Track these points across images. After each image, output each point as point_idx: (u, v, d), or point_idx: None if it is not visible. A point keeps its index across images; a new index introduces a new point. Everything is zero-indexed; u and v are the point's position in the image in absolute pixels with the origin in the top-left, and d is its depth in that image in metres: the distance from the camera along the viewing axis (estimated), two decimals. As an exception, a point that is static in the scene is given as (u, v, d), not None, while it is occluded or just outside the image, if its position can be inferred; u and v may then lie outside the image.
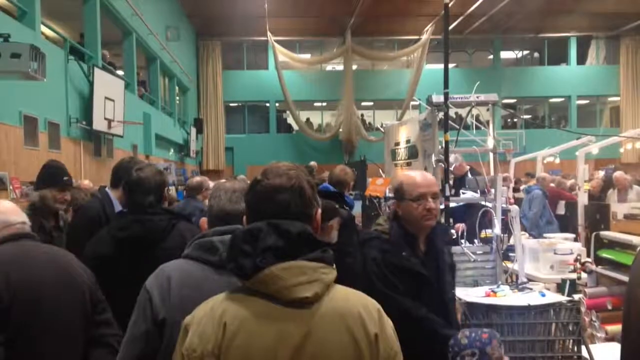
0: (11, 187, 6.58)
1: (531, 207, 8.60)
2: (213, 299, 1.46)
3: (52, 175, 3.88)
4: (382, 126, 6.94)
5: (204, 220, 2.14)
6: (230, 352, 1.35)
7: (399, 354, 1.48)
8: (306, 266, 1.40)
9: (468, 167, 6.86)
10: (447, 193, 4.37)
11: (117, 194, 3.54)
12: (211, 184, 6.23)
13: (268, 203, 1.49)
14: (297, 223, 1.45)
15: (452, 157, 5.66)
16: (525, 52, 26.60)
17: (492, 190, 4.83)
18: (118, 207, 3.56)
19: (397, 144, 5.78)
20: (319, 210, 1.60)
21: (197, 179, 6.81)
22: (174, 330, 1.59)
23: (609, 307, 3.94)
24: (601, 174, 11.61)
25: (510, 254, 5.25)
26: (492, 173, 5.03)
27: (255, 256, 1.39)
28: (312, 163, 14.86)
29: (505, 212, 4.96)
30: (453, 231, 4.66)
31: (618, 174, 9.34)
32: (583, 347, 3.39)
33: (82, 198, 4.60)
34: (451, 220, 4.90)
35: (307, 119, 24.13)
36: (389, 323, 1.49)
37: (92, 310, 2.26)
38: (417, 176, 2.69)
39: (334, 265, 1.47)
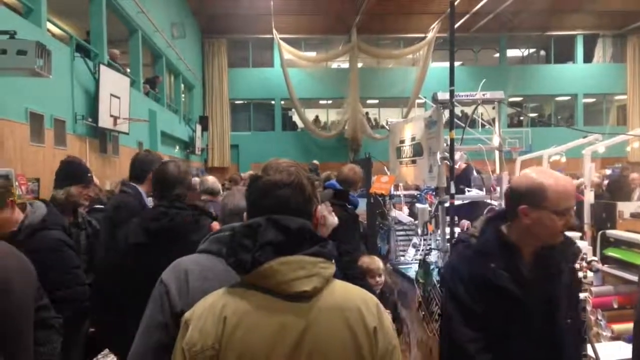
0: (17, 184, 6.60)
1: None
2: (212, 294, 1.47)
3: (76, 172, 3.86)
4: (387, 124, 6.92)
5: (215, 224, 2.18)
6: (231, 346, 1.35)
7: (397, 348, 1.48)
8: (305, 261, 1.41)
9: (465, 165, 6.84)
10: (452, 191, 4.35)
11: (145, 187, 3.65)
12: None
13: (268, 198, 1.50)
14: (297, 219, 1.46)
15: (457, 155, 5.64)
16: (532, 50, 26.51)
17: (498, 189, 4.80)
18: (148, 200, 3.66)
19: (402, 141, 5.76)
20: (319, 207, 1.61)
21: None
22: None
23: (615, 306, 3.91)
24: (608, 172, 11.54)
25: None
26: (497, 171, 5.01)
27: (255, 251, 1.40)
28: (315, 162, 14.89)
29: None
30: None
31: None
32: (588, 346, 3.37)
33: (96, 194, 4.60)
34: (456, 217, 4.88)
35: (317, 117, 24.17)
36: (387, 317, 1.50)
37: (37, 296, 2.35)
38: (567, 184, 2.10)
39: (333, 260, 1.48)
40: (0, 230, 2.72)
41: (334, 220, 3.43)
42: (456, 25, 4.67)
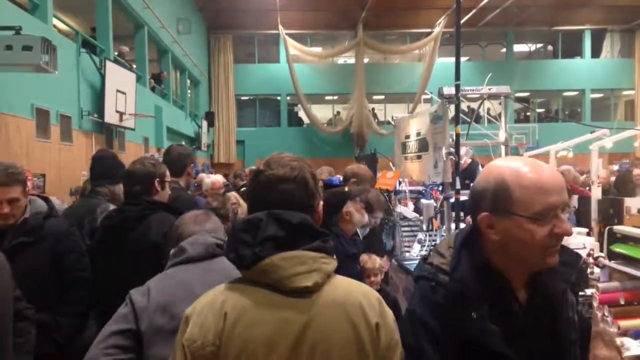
0: (23, 179, 6.61)
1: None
2: (213, 290, 1.46)
3: (121, 164, 4.07)
4: (392, 119, 6.91)
5: None
6: (231, 342, 1.34)
7: (399, 343, 1.46)
8: (306, 256, 1.39)
9: (470, 160, 6.82)
10: (458, 186, 4.34)
11: (184, 180, 3.93)
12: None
13: (271, 193, 1.48)
14: (298, 213, 1.44)
15: (463, 150, 5.62)
16: (539, 45, 26.35)
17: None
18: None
19: (408, 136, 5.74)
20: (321, 202, 1.59)
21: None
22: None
23: (622, 302, 3.88)
24: (615, 168, 11.48)
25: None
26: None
27: (255, 246, 1.38)
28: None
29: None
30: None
31: None
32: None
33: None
34: (462, 213, 4.87)
35: (338, 113, 24.05)
36: (389, 313, 1.48)
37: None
38: (544, 172, 1.40)
39: (335, 256, 1.47)
40: (19, 217, 2.81)
41: (362, 218, 3.41)
42: (463, 20, 4.65)
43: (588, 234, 6.30)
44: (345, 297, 1.42)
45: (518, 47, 25.44)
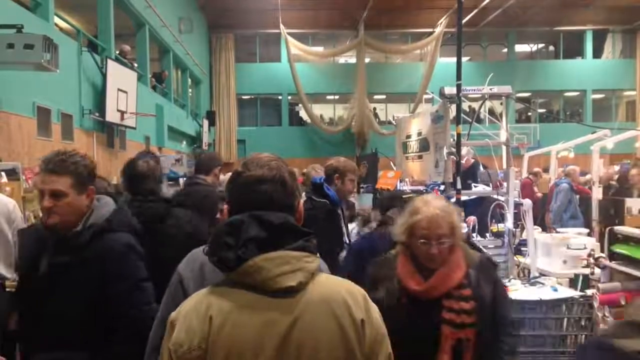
0: (24, 177, 6.62)
1: (556, 201, 8.54)
2: (197, 293, 1.46)
3: None
4: (393, 119, 6.91)
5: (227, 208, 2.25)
6: (218, 345, 1.34)
7: (386, 338, 1.47)
8: (289, 255, 1.39)
9: (473, 160, 6.83)
10: (459, 186, 4.34)
11: (210, 179, 4.10)
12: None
13: (250, 194, 1.49)
14: (279, 214, 1.45)
15: (464, 150, 5.62)
16: (540, 45, 26.34)
17: (505, 184, 4.78)
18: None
19: (409, 136, 5.75)
20: (301, 201, 1.59)
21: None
22: None
23: (623, 303, 3.89)
24: (616, 168, 11.49)
25: (523, 249, 5.22)
26: (504, 166, 4.99)
27: (238, 248, 1.38)
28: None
29: (517, 205, 4.92)
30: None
31: None
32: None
33: (105, 188, 4.59)
34: (462, 213, 4.87)
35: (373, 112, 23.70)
36: (374, 308, 1.49)
37: None
38: None
39: (318, 254, 1.47)
40: (70, 219, 2.26)
41: None
42: (464, 20, 4.65)
43: (589, 235, 6.32)
44: (330, 295, 1.42)
45: (519, 48, 25.43)
